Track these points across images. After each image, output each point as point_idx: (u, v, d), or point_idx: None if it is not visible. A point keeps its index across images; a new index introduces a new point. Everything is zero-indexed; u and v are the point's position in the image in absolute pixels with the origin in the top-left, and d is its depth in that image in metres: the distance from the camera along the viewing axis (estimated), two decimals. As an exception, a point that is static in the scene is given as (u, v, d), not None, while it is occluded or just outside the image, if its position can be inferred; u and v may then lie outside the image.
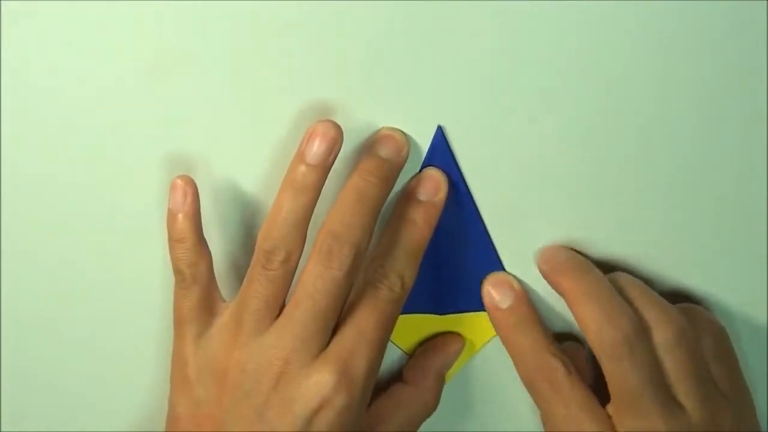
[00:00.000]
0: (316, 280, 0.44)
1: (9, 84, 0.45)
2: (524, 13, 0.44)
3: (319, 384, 0.44)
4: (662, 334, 0.45)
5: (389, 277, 0.45)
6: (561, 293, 0.47)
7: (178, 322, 0.46)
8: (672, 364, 0.45)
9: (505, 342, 0.48)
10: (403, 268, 0.46)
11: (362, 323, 0.45)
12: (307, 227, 0.45)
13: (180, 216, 0.45)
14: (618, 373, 0.45)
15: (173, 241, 0.46)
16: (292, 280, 0.45)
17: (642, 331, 0.45)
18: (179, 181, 0.45)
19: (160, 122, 0.46)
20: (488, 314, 0.48)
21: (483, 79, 0.45)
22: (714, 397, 0.46)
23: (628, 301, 0.46)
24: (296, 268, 0.45)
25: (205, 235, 0.46)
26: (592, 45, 0.45)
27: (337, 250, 0.44)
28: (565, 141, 0.47)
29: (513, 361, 0.47)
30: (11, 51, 0.44)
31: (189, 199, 0.45)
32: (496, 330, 0.48)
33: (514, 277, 0.48)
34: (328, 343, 0.44)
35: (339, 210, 0.45)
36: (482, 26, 0.44)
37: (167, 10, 0.44)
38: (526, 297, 0.48)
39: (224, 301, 0.47)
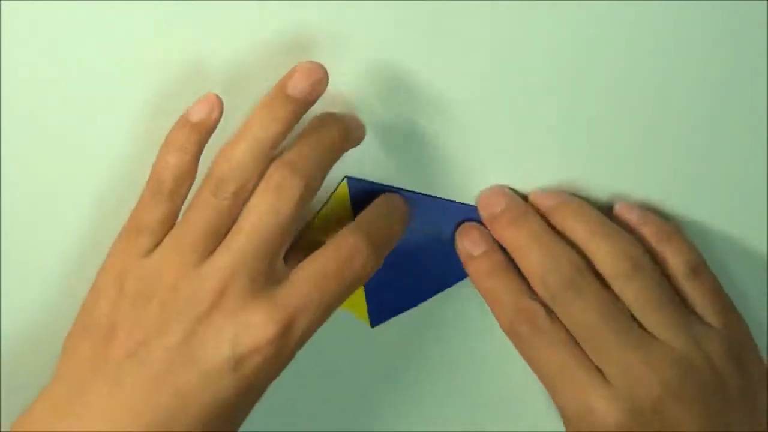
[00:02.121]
0: (262, 211, 0.41)
1: (8, 84, 0.45)
2: (521, 16, 0.44)
3: (256, 329, 0.40)
4: (612, 266, 0.44)
5: (363, 251, 0.43)
6: (504, 245, 0.46)
7: (134, 230, 0.43)
8: (632, 294, 0.44)
9: (482, 290, 0.47)
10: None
11: (324, 284, 0.42)
12: (269, 163, 0.42)
13: (197, 124, 0.42)
14: (572, 316, 0.44)
15: (174, 148, 0.42)
16: (239, 213, 0.42)
17: (586, 269, 0.44)
18: (212, 96, 0.42)
19: (158, 123, 0.46)
20: (464, 266, 0.47)
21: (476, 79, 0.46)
22: (692, 323, 0.45)
23: (575, 237, 0.45)
24: (245, 202, 0.42)
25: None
26: (590, 48, 0.45)
27: (288, 181, 0.41)
28: (562, 140, 0.47)
29: (491, 308, 0.46)
30: (11, 51, 0.44)
31: (214, 115, 0.42)
32: (472, 280, 0.47)
33: (484, 226, 0.48)
34: (272, 282, 0.41)
35: (295, 145, 0.43)
36: (479, 28, 0.45)
37: (167, 10, 0.44)
38: (496, 244, 0.47)
39: None
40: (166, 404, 0.40)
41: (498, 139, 0.47)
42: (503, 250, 0.47)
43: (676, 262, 0.46)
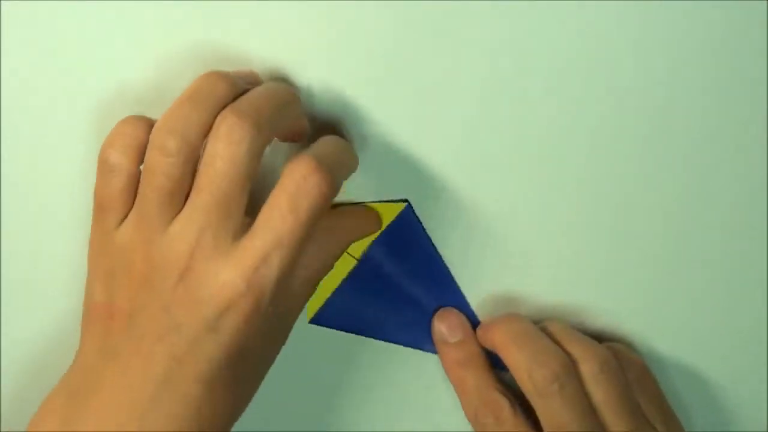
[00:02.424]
0: (215, 161, 0.40)
1: (8, 84, 0.45)
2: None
3: (226, 286, 0.40)
4: (588, 366, 0.46)
5: (311, 173, 0.41)
6: (493, 347, 0.47)
7: (99, 208, 0.43)
8: (601, 395, 0.45)
9: (452, 376, 0.48)
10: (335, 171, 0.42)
11: (281, 224, 0.40)
12: (215, 116, 0.41)
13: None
14: (550, 409, 0.45)
15: (119, 124, 0.42)
16: (194, 168, 0.41)
17: (570, 366, 0.45)
18: None
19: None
20: (437, 349, 0.49)
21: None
22: (646, 429, 0.46)
23: (556, 342, 0.47)
24: (197, 158, 0.41)
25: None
26: (590, 50, 0.45)
27: (238, 127, 0.40)
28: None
29: (458, 396, 0.48)
30: (11, 51, 0.45)
31: None
32: (442, 365, 0.49)
33: (464, 315, 0.49)
34: (237, 234, 0.41)
35: (246, 96, 0.42)
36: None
37: (168, 10, 0.44)
38: (473, 334, 0.49)
39: None
40: (163, 370, 0.40)
41: (498, 141, 0.47)
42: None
43: (631, 374, 0.47)
